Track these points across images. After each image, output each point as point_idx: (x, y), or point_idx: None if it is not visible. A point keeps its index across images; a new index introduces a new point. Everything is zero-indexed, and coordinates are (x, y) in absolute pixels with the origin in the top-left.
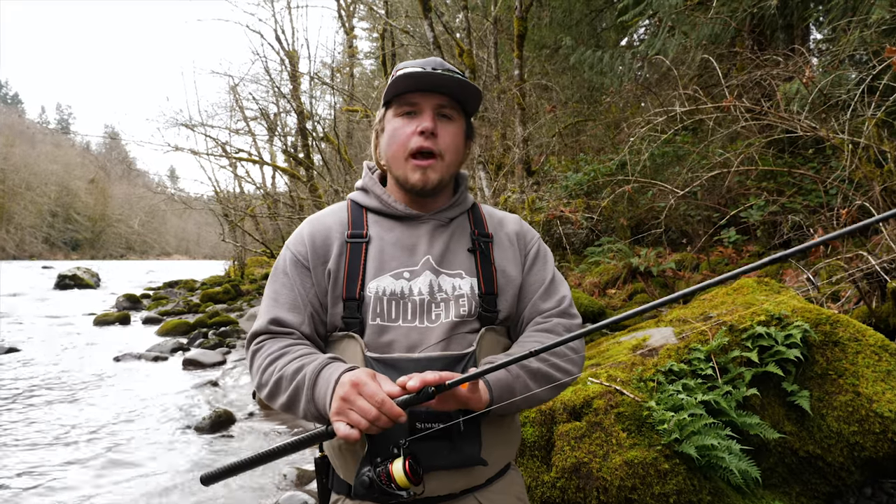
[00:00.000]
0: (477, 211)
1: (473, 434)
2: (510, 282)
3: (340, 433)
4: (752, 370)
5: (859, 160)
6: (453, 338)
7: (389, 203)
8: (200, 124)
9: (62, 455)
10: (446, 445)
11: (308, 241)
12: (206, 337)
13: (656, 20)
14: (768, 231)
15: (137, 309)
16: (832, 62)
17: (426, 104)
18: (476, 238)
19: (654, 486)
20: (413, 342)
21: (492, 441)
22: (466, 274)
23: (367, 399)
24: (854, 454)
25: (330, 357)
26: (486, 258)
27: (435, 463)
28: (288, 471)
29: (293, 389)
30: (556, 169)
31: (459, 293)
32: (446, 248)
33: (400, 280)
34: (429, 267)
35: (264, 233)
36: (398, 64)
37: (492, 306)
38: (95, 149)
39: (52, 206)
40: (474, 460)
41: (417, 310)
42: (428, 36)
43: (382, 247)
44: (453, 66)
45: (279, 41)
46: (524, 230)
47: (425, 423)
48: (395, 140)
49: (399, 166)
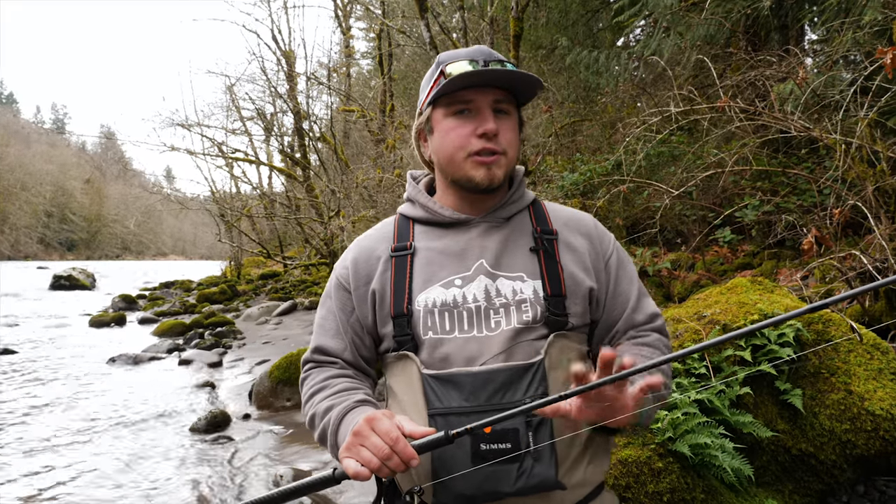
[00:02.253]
0: (539, 207)
1: (547, 453)
2: (579, 285)
3: (349, 471)
4: (746, 369)
5: (852, 160)
6: (517, 346)
7: (436, 210)
8: (197, 124)
9: (57, 456)
10: (514, 468)
11: (351, 263)
12: (203, 337)
13: (652, 21)
14: (763, 230)
15: (133, 309)
16: (826, 63)
17: (482, 101)
18: (538, 236)
19: (648, 485)
20: (471, 354)
21: (573, 459)
22: (528, 276)
23: (380, 436)
24: (846, 452)
25: (359, 400)
26: (551, 258)
27: (501, 490)
28: (285, 471)
29: (321, 429)
30: (553, 169)
31: (521, 297)
32: (503, 249)
33: (451, 288)
34: (483, 271)
35: (261, 233)
36: (442, 56)
37: (560, 310)
38: (91, 149)
39: (47, 207)
40: (549, 484)
41: (474, 318)
42: (424, 36)
43: (430, 257)
44: (502, 55)
45: (276, 41)
46: (600, 232)
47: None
48: (452, 142)
49: (458, 167)
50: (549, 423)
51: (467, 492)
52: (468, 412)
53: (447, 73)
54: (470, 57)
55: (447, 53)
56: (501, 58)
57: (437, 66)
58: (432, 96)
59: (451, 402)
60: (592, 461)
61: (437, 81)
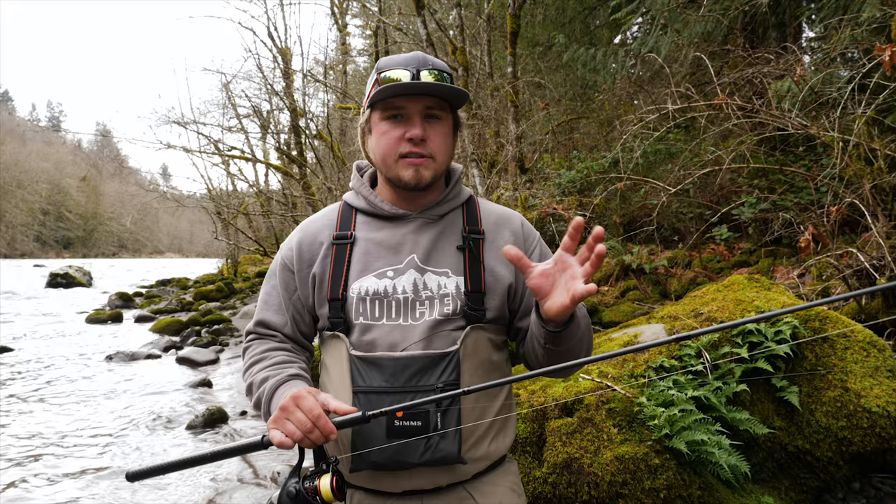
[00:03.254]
0: (472, 206)
1: (452, 432)
2: (499, 281)
3: (275, 441)
4: (742, 366)
5: (849, 158)
6: (436, 336)
7: (376, 203)
8: (193, 122)
9: (54, 453)
10: (422, 443)
11: (296, 247)
12: (200, 335)
13: (649, 18)
14: (760, 228)
15: (130, 307)
16: (823, 60)
17: (413, 108)
18: (466, 236)
19: (645, 481)
20: (395, 340)
21: (477, 437)
22: (453, 273)
23: (304, 412)
24: (842, 449)
25: (292, 374)
26: (475, 257)
27: (410, 461)
28: (282, 468)
29: (256, 397)
30: (550, 166)
31: (444, 292)
32: (433, 245)
33: (384, 279)
34: (413, 265)
35: (257, 231)
36: (381, 62)
37: (479, 304)
38: (87, 146)
39: (43, 205)
40: (452, 458)
41: (401, 308)
42: (421, 33)
43: (368, 247)
44: (437, 60)
45: (272, 38)
46: (526, 230)
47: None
48: (384, 145)
49: (390, 168)
50: (458, 405)
51: (380, 460)
52: (388, 391)
53: (381, 79)
54: (405, 65)
55: (385, 60)
56: (439, 65)
57: (376, 72)
58: (370, 101)
59: (373, 381)
60: (496, 438)
61: (374, 87)
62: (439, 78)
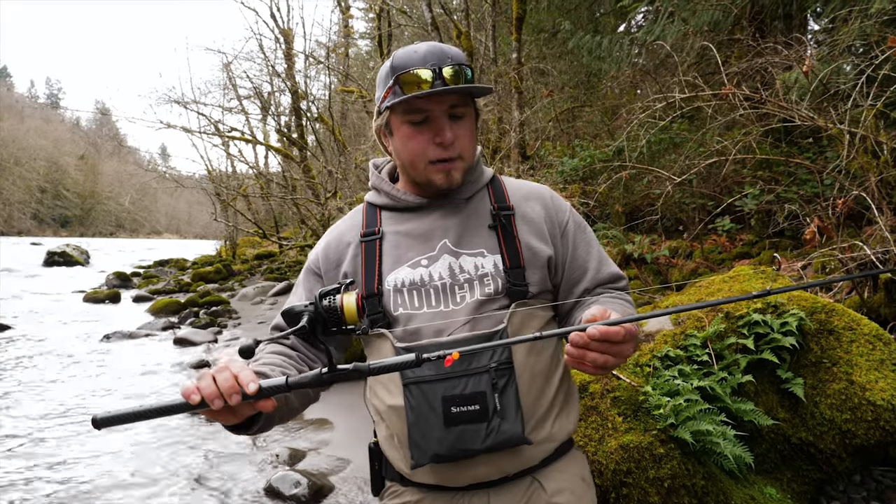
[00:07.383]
0: (497, 184)
1: (513, 411)
2: (536, 254)
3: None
4: (748, 357)
5: (856, 151)
6: (481, 317)
7: (399, 197)
8: (193, 101)
9: (51, 433)
10: (483, 427)
11: (322, 251)
12: (198, 316)
13: (656, 6)
14: (762, 220)
15: (128, 287)
16: (830, 52)
17: (438, 110)
18: (496, 213)
19: (649, 471)
20: (439, 327)
21: (539, 417)
22: (488, 252)
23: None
24: (846, 441)
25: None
26: (509, 232)
27: (473, 447)
28: (280, 450)
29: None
30: (552, 154)
31: (483, 272)
32: (464, 228)
33: (418, 268)
34: (447, 250)
35: (256, 213)
36: (396, 59)
37: (520, 280)
38: (85, 125)
39: (41, 182)
40: (517, 439)
41: (440, 294)
42: (426, 17)
43: (397, 240)
44: (454, 50)
45: (274, 19)
46: (556, 202)
47: (460, 407)
48: (413, 150)
49: (420, 172)
50: (515, 384)
51: (441, 451)
52: (440, 379)
53: (402, 81)
54: (424, 62)
55: (401, 55)
56: (458, 58)
57: (393, 72)
58: (386, 102)
59: (423, 371)
60: (559, 418)
61: (391, 89)
62: (461, 73)
